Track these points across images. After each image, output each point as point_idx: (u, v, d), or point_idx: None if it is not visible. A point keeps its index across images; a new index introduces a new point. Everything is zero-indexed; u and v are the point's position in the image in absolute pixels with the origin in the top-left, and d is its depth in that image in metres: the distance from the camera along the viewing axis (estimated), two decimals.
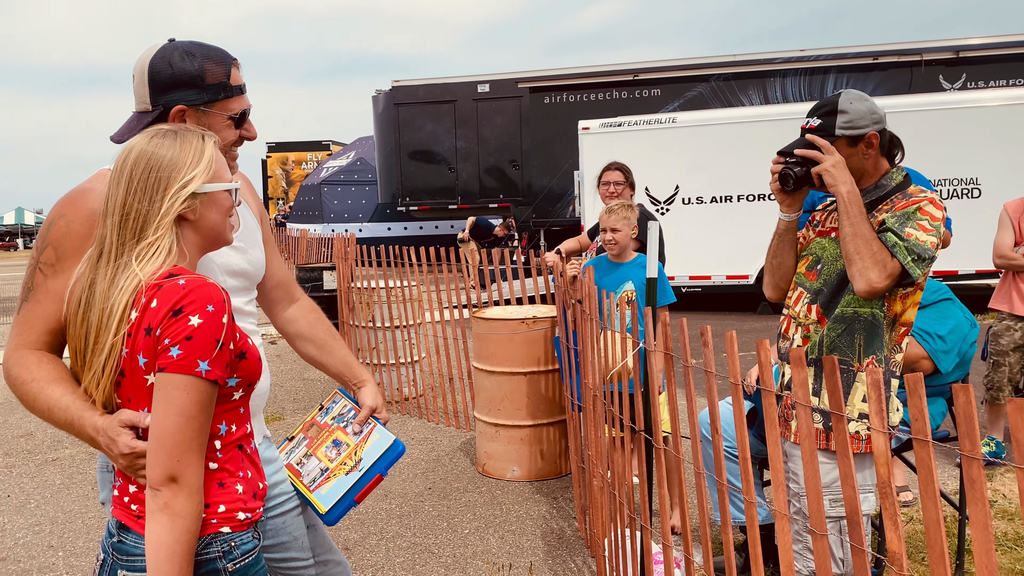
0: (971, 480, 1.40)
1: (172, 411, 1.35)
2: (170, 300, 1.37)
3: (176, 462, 1.35)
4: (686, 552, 2.24)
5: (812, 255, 2.38)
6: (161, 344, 1.37)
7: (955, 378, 3.27)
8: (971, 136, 9.85)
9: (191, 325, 1.36)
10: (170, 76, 1.69)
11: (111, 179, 1.47)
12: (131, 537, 1.45)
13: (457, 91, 16.32)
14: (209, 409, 1.40)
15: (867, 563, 1.67)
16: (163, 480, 1.35)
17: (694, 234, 10.77)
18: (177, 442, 1.35)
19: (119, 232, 1.44)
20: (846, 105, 2.24)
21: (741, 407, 1.97)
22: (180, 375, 1.35)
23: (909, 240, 2.15)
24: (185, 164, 1.46)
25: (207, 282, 1.41)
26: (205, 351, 1.36)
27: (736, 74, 13.47)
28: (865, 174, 2.30)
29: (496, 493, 4.52)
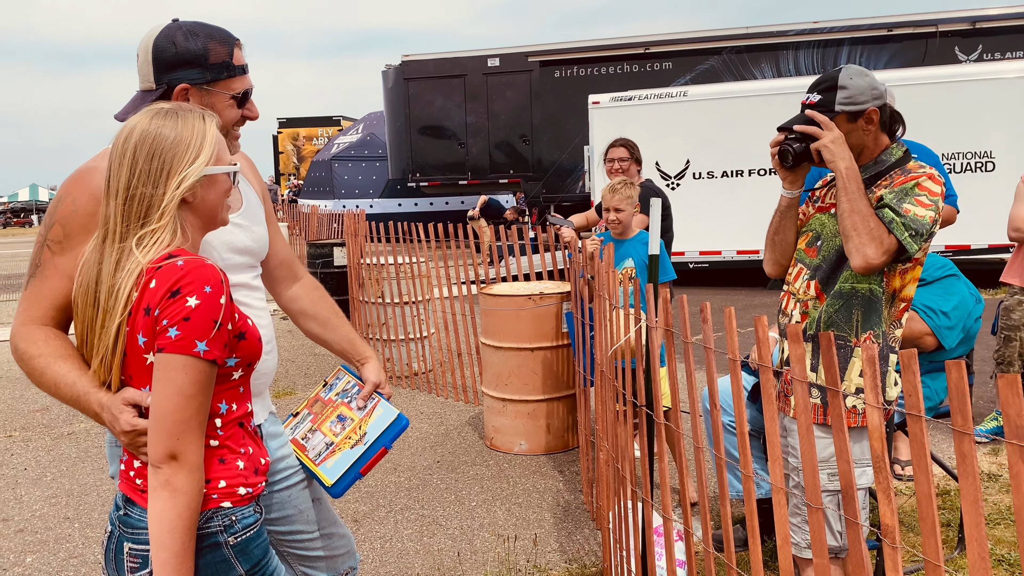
0: (962, 455, 1.42)
1: (171, 390, 1.37)
2: (168, 281, 1.38)
3: (176, 440, 1.38)
4: (686, 525, 2.27)
5: (812, 231, 2.39)
6: (160, 325, 1.38)
7: (959, 354, 3.28)
8: (986, 109, 9.73)
9: (188, 306, 1.37)
10: (174, 55, 1.72)
11: (112, 159, 1.47)
12: (136, 511, 1.48)
13: (467, 65, 16.22)
14: (208, 388, 1.42)
15: (861, 535, 1.69)
16: (163, 458, 1.38)
17: (705, 209, 10.72)
18: (176, 420, 1.38)
19: (123, 214, 1.45)
20: (846, 80, 2.23)
21: (739, 382, 1.99)
22: (178, 355, 1.37)
23: (907, 216, 2.15)
24: (188, 147, 1.46)
25: (205, 263, 1.42)
26: (203, 331, 1.38)
27: (748, 47, 13.32)
28: (865, 149, 2.29)
29: (503, 466, 4.57)
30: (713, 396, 2.12)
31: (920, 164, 2.25)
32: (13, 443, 5.27)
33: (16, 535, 3.86)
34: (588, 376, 3.81)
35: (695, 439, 2.22)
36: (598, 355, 3.18)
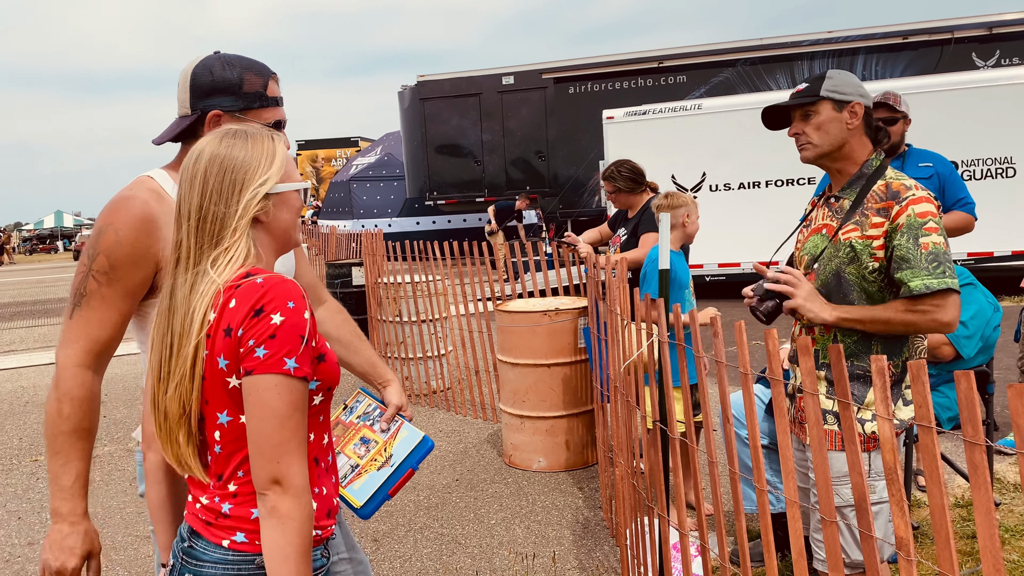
0: (974, 465, 1.41)
1: (267, 414, 1.31)
2: (249, 299, 1.34)
3: (276, 464, 1.31)
4: (702, 540, 2.26)
5: (808, 254, 2.38)
6: (245, 346, 1.32)
7: (978, 363, 3.24)
8: (1005, 114, 9.64)
9: (274, 323, 1.32)
10: (210, 83, 1.79)
11: (182, 182, 1.44)
12: (200, 543, 1.42)
13: (482, 84, 16.35)
14: (303, 407, 1.35)
15: (875, 548, 1.68)
16: (266, 484, 1.32)
17: (722, 221, 10.69)
18: (275, 444, 1.32)
19: (196, 236, 1.41)
20: (834, 74, 2.30)
21: (751, 395, 1.99)
22: (269, 375, 1.31)
23: (927, 251, 2.13)
24: (259, 164, 1.44)
25: (284, 279, 1.37)
26: (291, 348, 1.32)
27: (763, 58, 13.31)
28: (846, 147, 2.29)
29: (522, 484, 4.57)
30: (726, 409, 2.12)
31: (901, 180, 2.23)
32: (39, 467, 5.34)
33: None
34: (604, 392, 3.80)
35: (709, 453, 2.21)
36: (611, 370, 3.17)
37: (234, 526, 1.39)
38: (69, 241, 48.35)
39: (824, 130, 2.28)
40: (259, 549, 1.37)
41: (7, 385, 8.07)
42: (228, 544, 1.39)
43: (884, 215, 2.20)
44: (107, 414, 6.62)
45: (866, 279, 2.22)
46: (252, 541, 1.39)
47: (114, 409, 6.79)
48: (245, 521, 1.39)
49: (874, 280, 2.22)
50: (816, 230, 2.38)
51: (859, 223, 2.23)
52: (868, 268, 2.21)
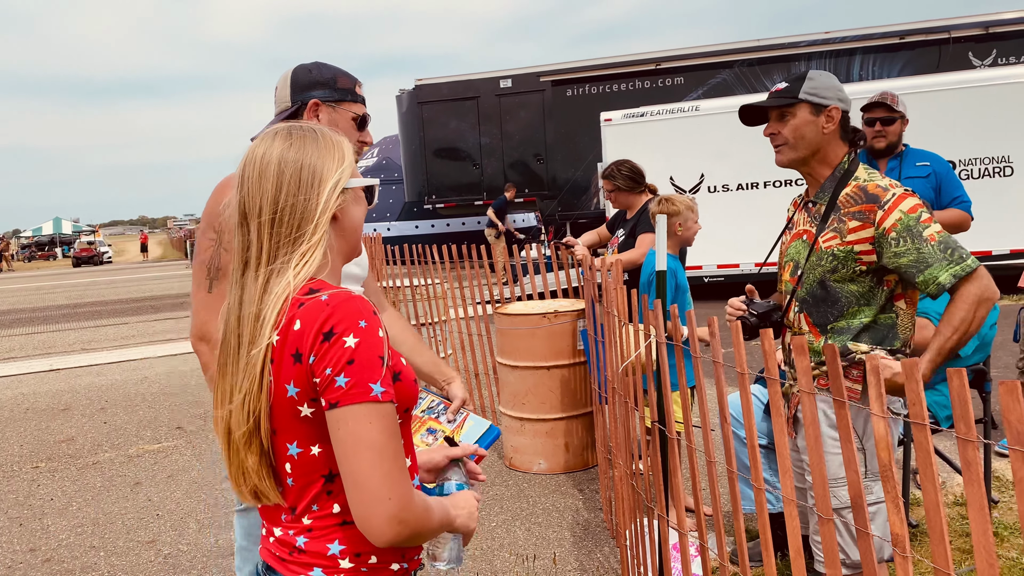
0: (967, 462, 1.42)
1: (362, 447, 1.20)
2: (316, 321, 1.22)
3: (388, 501, 1.20)
4: (701, 540, 2.27)
5: (791, 261, 2.39)
6: (321, 375, 1.21)
7: (975, 361, 3.25)
8: (1002, 113, 9.67)
9: (349, 347, 1.20)
10: (308, 78, 2.03)
11: (247, 178, 1.33)
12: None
13: (480, 87, 16.38)
14: (397, 433, 1.23)
15: (871, 547, 1.69)
16: (387, 526, 1.21)
17: (721, 223, 10.69)
18: (380, 478, 1.20)
19: (271, 232, 1.29)
20: (814, 75, 2.29)
21: (748, 395, 2.00)
22: (356, 406, 1.20)
23: (934, 242, 2.11)
24: (334, 156, 1.36)
25: (351, 295, 1.26)
26: (373, 372, 1.21)
27: (760, 59, 13.35)
28: (820, 151, 2.29)
29: (523, 486, 4.58)
30: (723, 409, 2.13)
31: (875, 181, 2.23)
32: (40, 474, 5.35)
33: (43, 564, 3.91)
34: (603, 393, 3.81)
35: (707, 453, 2.22)
36: (608, 372, 3.19)
37: (310, 562, 1.30)
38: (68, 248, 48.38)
39: (799, 134, 2.28)
40: None
41: (7, 392, 8.08)
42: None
43: (864, 219, 2.19)
44: (107, 420, 6.63)
45: (855, 281, 2.23)
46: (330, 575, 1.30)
47: (114, 415, 6.80)
48: (321, 557, 1.30)
49: (864, 280, 2.23)
50: (798, 235, 2.39)
51: (837, 230, 2.23)
52: (855, 271, 2.22)
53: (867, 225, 2.18)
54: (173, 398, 7.30)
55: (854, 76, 13.04)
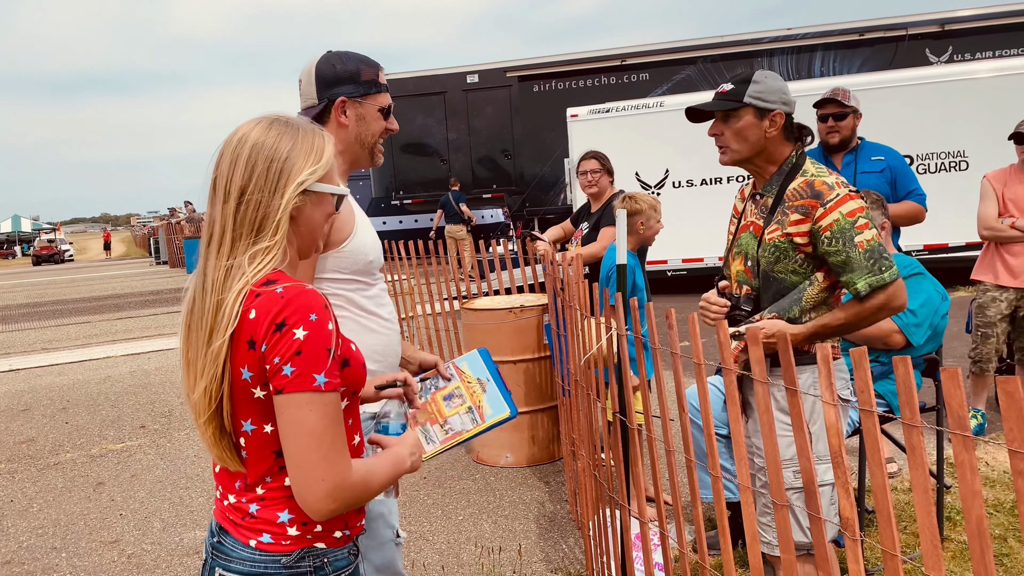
0: (911, 447, 1.47)
1: (302, 432, 1.31)
2: (270, 312, 1.31)
3: (322, 481, 1.31)
4: (661, 528, 2.31)
5: (742, 252, 2.43)
6: (271, 363, 1.31)
7: (928, 350, 3.34)
8: (958, 109, 9.87)
9: (298, 339, 1.29)
10: (333, 75, 2.03)
11: (223, 160, 1.41)
12: (228, 540, 1.44)
13: (447, 83, 16.34)
14: (337, 418, 1.34)
15: (824, 530, 1.73)
16: (323, 503, 1.32)
17: (685, 217, 10.81)
18: (316, 461, 1.31)
19: (235, 220, 1.38)
20: (760, 77, 2.31)
21: (705, 385, 2.04)
22: (299, 393, 1.30)
23: (863, 250, 2.20)
24: (307, 157, 1.41)
25: (305, 289, 1.34)
26: (318, 363, 1.31)
27: (723, 55, 13.49)
28: (764, 152, 2.34)
29: (490, 480, 4.60)
30: (681, 400, 2.17)
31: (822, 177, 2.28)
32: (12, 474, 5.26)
33: (3, 567, 3.85)
34: (566, 386, 3.85)
35: (667, 443, 2.26)
36: (571, 365, 3.22)
37: (260, 527, 1.40)
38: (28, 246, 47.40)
39: (742, 136, 2.31)
40: (285, 549, 1.40)
41: None
42: (255, 544, 1.41)
43: (805, 213, 2.25)
44: (68, 420, 6.53)
45: (796, 272, 2.30)
46: (278, 541, 1.40)
47: (75, 415, 6.70)
48: (271, 524, 1.40)
49: (804, 271, 2.29)
50: (746, 227, 2.44)
51: (780, 222, 2.29)
52: (796, 261, 2.28)
53: (807, 220, 2.25)
54: (136, 397, 7.21)
55: (815, 72, 13.24)
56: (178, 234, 23.77)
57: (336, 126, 2.03)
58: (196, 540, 4.02)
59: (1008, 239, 4.45)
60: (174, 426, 6.14)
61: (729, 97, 2.32)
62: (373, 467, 1.42)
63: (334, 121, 2.03)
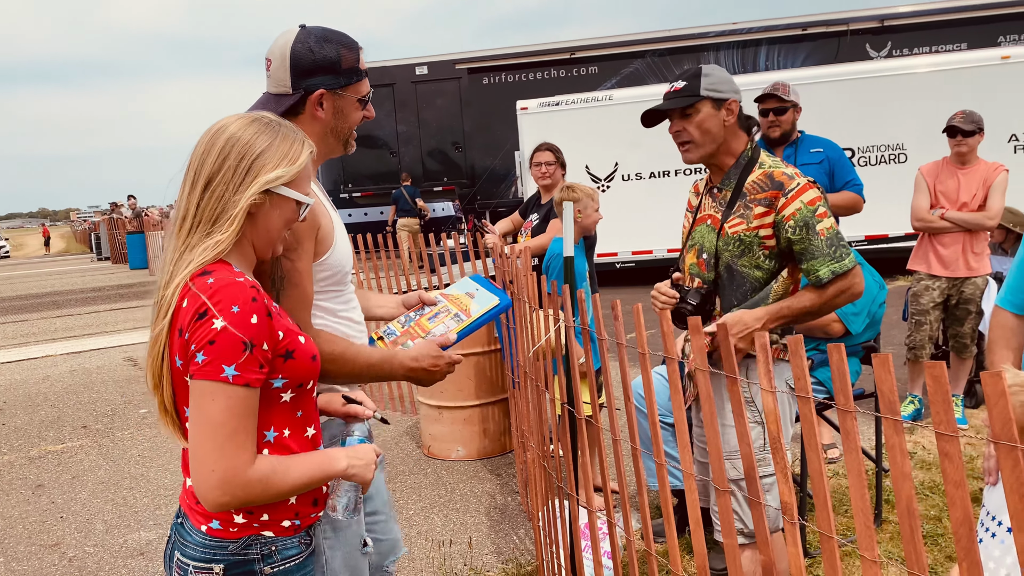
0: (846, 431, 1.51)
1: (203, 419, 1.32)
2: (196, 301, 1.33)
3: (211, 472, 1.32)
4: (609, 518, 2.34)
5: (697, 245, 2.47)
6: (189, 349, 1.33)
7: (866, 338, 3.43)
8: (897, 103, 10.14)
9: (214, 328, 1.31)
10: (311, 62, 1.80)
11: (199, 148, 1.44)
12: (187, 524, 1.48)
13: (395, 74, 16.21)
14: (244, 413, 1.34)
15: (764, 515, 1.77)
16: (210, 493, 1.33)
17: (635, 209, 10.92)
18: (209, 450, 1.32)
19: (197, 207, 1.40)
20: (709, 70, 2.36)
21: (649, 375, 2.06)
22: (206, 382, 1.31)
23: (824, 238, 2.25)
24: (278, 160, 1.42)
25: (235, 281, 1.35)
26: (230, 355, 1.31)
27: (670, 49, 13.64)
28: (724, 144, 2.37)
29: (441, 473, 4.60)
30: (626, 389, 2.19)
31: (781, 168, 2.33)
32: None
33: None
34: (515, 379, 3.86)
35: (613, 432, 2.28)
36: (520, 357, 3.23)
37: (209, 514, 1.44)
38: None
39: (704, 129, 2.34)
40: (232, 536, 1.43)
41: None
42: (206, 529, 1.44)
43: (768, 205, 2.29)
44: (5, 421, 6.34)
45: (760, 267, 2.33)
46: (226, 528, 1.43)
47: (13, 416, 6.50)
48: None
49: (768, 267, 2.33)
50: (702, 220, 2.47)
51: (744, 215, 2.33)
52: (760, 257, 2.32)
53: (771, 211, 2.29)
54: (77, 397, 7.02)
55: (760, 66, 13.46)
56: (120, 229, 23.19)
57: (310, 118, 1.83)
58: (141, 541, 3.94)
59: (939, 230, 4.59)
60: (117, 426, 6.00)
61: (684, 93, 2.35)
62: (289, 465, 1.41)
63: (308, 114, 1.83)
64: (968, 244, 4.57)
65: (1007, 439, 1.25)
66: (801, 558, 1.66)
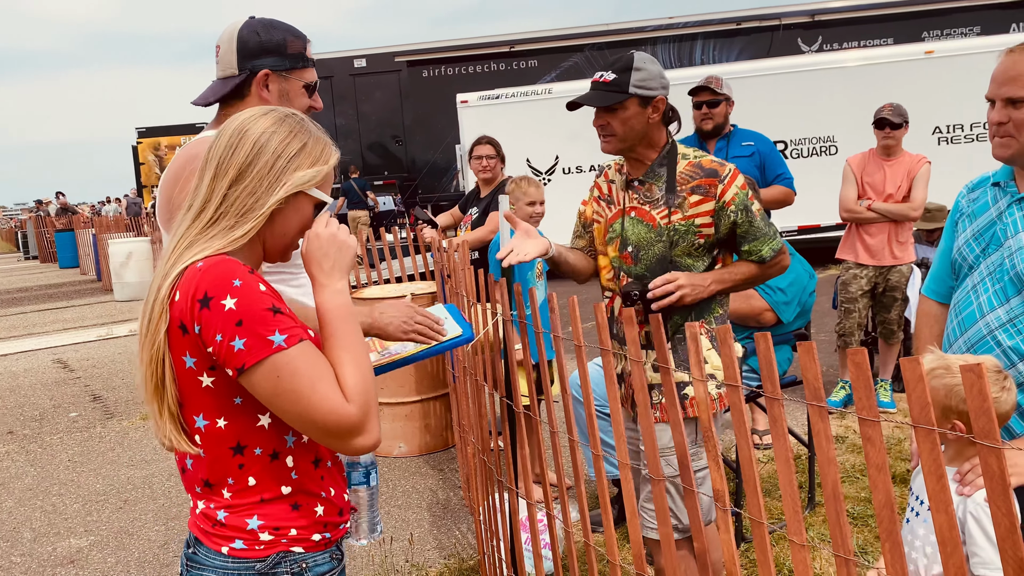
0: (774, 418, 1.54)
1: (287, 397, 1.23)
2: (190, 289, 1.25)
3: (334, 415, 1.24)
4: (547, 510, 2.35)
5: (618, 237, 2.45)
6: (213, 343, 1.23)
7: (797, 326, 3.51)
8: (828, 96, 10.39)
9: (231, 309, 1.22)
10: (257, 44, 1.89)
11: (229, 135, 1.36)
12: (202, 550, 1.39)
13: (333, 67, 15.97)
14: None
15: (697, 505, 1.80)
16: (350, 444, 1.26)
17: (576, 203, 10.95)
18: (317, 415, 1.23)
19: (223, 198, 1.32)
20: (641, 64, 2.31)
21: (585, 367, 2.08)
22: (264, 362, 1.22)
23: (759, 217, 2.36)
24: (310, 161, 1.38)
25: (224, 258, 1.28)
26: (266, 325, 1.23)
27: (609, 43, 13.75)
28: (645, 139, 2.38)
29: (383, 470, 4.56)
30: (563, 382, 2.20)
31: (707, 157, 2.37)
32: None
33: None
34: (455, 373, 3.85)
35: (551, 424, 2.29)
36: (459, 351, 3.22)
37: (232, 534, 1.36)
38: None
39: (629, 126, 2.33)
40: (258, 555, 1.35)
41: None
42: (228, 551, 1.36)
43: (706, 193, 2.31)
44: None
45: (692, 255, 2.36)
46: (251, 547, 1.35)
47: None
48: (241, 531, 1.35)
49: (700, 255, 2.36)
50: (623, 213, 2.45)
51: (679, 205, 2.34)
52: (695, 245, 2.34)
53: (708, 199, 2.31)
54: (3, 401, 6.76)
55: (696, 60, 13.67)
56: (48, 227, 22.39)
57: (257, 100, 1.90)
58: (71, 549, 3.82)
59: (866, 220, 4.73)
60: (46, 431, 5.79)
61: (613, 88, 2.31)
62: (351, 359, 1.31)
63: (255, 95, 1.91)
64: (893, 234, 4.71)
65: (925, 423, 1.29)
66: (733, 544, 1.69)
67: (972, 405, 1.21)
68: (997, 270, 1.86)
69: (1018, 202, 1.85)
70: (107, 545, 3.84)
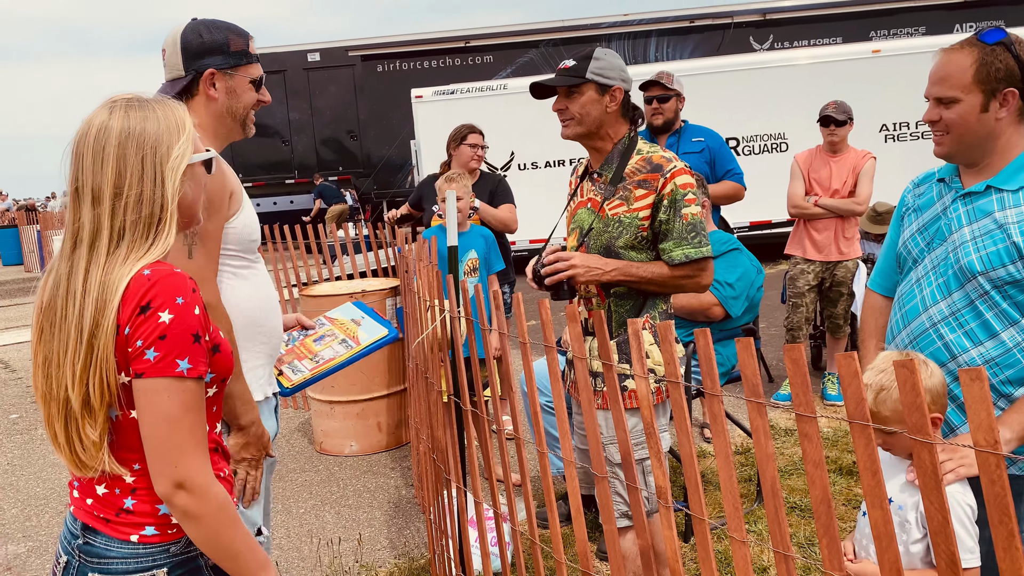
0: (713, 415, 1.54)
1: (159, 418, 1.27)
2: (136, 295, 1.26)
3: (176, 468, 1.28)
4: (495, 508, 2.33)
5: (578, 228, 2.49)
6: (133, 346, 1.27)
7: (745, 321, 3.55)
8: (779, 93, 10.53)
9: (163, 322, 1.26)
10: (200, 45, 1.95)
11: (82, 155, 1.32)
12: (100, 539, 1.37)
13: (286, 60, 15.73)
14: (198, 406, 1.31)
15: (641, 499, 1.80)
16: (170, 489, 1.28)
17: (531, 199, 10.96)
18: (170, 448, 1.28)
19: (116, 218, 1.29)
20: (600, 54, 2.38)
21: (530, 364, 2.06)
22: (160, 379, 1.26)
23: (686, 222, 2.32)
24: (174, 136, 1.34)
25: (174, 272, 1.30)
26: (182, 348, 1.27)
27: (564, 39, 13.76)
28: (603, 128, 2.40)
29: (334, 470, 4.50)
30: (509, 379, 2.19)
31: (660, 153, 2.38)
32: None
33: None
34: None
35: (497, 422, 2.28)
36: (411, 348, 3.19)
37: (141, 521, 1.35)
38: None
39: (586, 111, 2.37)
40: (172, 538, 1.36)
41: None
42: (138, 539, 1.35)
43: (648, 187, 2.33)
44: None
45: (636, 248, 2.37)
46: (164, 532, 1.36)
47: None
48: (151, 516, 1.36)
49: (643, 248, 2.37)
50: (582, 204, 2.50)
51: (624, 198, 2.36)
52: (638, 238, 2.35)
53: (651, 192, 2.32)
54: None
55: (650, 57, 13.76)
56: None
57: (205, 99, 1.97)
58: (8, 555, 3.70)
59: (813, 216, 4.80)
60: None
61: (572, 73, 2.37)
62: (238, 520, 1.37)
63: (203, 94, 1.97)
64: (840, 229, 4.79)
65: (860, 418, 1.30)
66: (675, 540, 1.69)
67: (905, 401, 1.22)
68: (941, 264, 1.89)
69: (962, 198, 1.88)
70: (46, 551, 3.73)
